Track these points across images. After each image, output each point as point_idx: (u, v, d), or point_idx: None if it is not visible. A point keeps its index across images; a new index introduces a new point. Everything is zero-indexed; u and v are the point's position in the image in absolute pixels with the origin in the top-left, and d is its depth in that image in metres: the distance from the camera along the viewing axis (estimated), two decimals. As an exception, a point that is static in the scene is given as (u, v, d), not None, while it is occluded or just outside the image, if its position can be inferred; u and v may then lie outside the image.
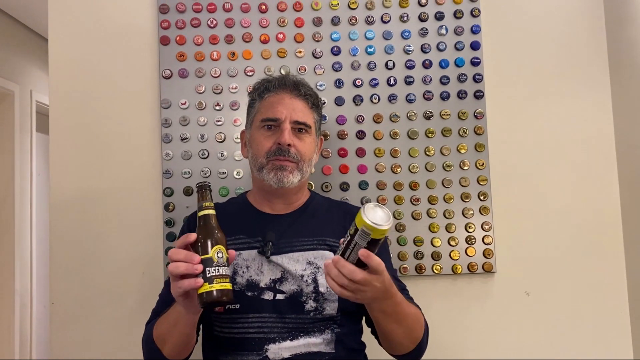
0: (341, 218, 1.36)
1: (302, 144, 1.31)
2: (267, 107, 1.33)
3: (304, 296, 1.24)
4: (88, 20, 1.77)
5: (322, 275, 1.25)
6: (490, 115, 1.77)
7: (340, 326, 1.26)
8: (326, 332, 1.25)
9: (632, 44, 1.70)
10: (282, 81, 1.35)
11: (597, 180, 1.80)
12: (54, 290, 1.71)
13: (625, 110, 1.75)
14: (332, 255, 1.26)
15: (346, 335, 1.28)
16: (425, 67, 1.76)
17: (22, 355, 3.44)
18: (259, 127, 1.32)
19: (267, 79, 1.38)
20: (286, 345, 1.22)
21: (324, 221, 1.36)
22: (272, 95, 1.34)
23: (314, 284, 1.24)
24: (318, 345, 1.23)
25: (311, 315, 1.23)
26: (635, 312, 1.74)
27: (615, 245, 1.79)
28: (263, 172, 1.29)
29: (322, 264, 1.26)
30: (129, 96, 1.75)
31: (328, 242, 1.30)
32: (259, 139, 1.32)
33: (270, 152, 1.29)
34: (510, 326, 1.76)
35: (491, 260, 1.73)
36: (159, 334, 1.20)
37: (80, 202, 1.73)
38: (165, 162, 1.72)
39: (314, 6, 1.76)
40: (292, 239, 1.30)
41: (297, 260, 1.26)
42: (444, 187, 1.74)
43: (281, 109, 1.30)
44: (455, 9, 1.78)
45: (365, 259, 0.99)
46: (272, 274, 1.26)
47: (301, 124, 1.31)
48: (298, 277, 1.24)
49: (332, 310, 1.24)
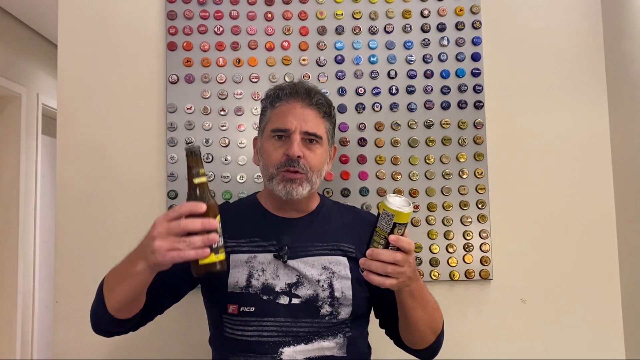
0: (354, 224, 1.38)
1: (313, 155, 1.29)
2: (277, 117, 1.31)
3: (319, 301, 1.25)
4: (97, 25, 1.80)
5: (337, 280, 1.26)
6: (489, 125, 1.80)
7: (352, 329, 1.28)
8: (339, 336, 1.26)
9: (628, 58, 1.74)
10: (294, 89, 1.32)
11: (593, 192, 1.83)
12: (58, 289, 1.74)
13: (621, 123, 1.78)
14: (346, 261, 1.29)
15: (356, 338, 1.29)
16: (426, 77, 1.80)
17: (24, 354, 3.46)
18: (270, 137, 1.31)
19: (280, 87, 1.35)
20: (300, 348, 1.22)
21: (337, 226, 1.36)
22: (283, 104, 1.32)
23: (330, 289, 1.25)
24: (331, 349, 1.25)
25: (326, 319, 1.25)
26: (628, 322, 1.76)
27: (609, 255, 1.81)
28: (273, 183, 1.28)
29: (337, 269, 1.27)
30: (136, 100, 1.79)
31: (342, 247, 1.31)
32: (269, 149, 1.30)
33: (281, 164, 1.27)
34: (506, 332, 1.78)
35: (488, 267, 1.75)
36: (109, 284, 1.15)
37: (85, 203, 1.76)
38: (170, 165, 1.75)
39: (318, 15, 1.80)
40: (307, 244, 1.30)
41: (312, 265, 1.27)
42: (443, 195, 1.77)
43: (291, 119, 1.28)
44: (457, 20, 1.81)
45: (395, 242, 1.03)
46: (287, 278, 1.26)
47: (311, 135, 1.29)
48: (314, 282, 1.25)
49: (347, 314, 1.26)
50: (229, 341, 1.27)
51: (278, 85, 1.37)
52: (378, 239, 1.05)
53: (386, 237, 1.04)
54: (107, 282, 1.16)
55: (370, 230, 1.06)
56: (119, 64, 1.80)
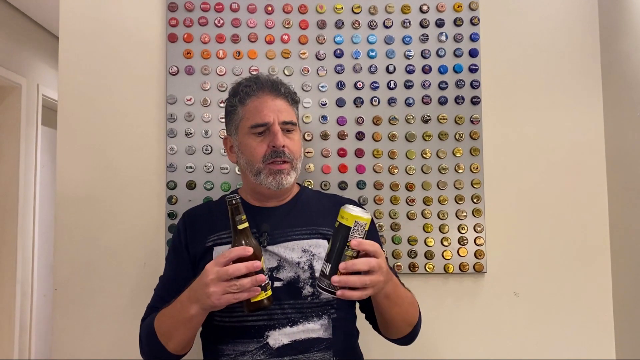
0: (333, 209, 1.38)
1: (293, 143, 1.33)
2: (252, 113, 1.32)
3: (301, 282, 1.28)
4: (98, 16, 1.81)
5: (317, 262, 1.30)
6: (485, 120, 1.82)
7: (337, 311, 1.31)
8: (323, 317, 1.29)
9: (624, 56, 1.75)
10: (261, 83, 1.35)
11: (586, 186, 1.85)
12: (57, 277, 1.76)
13: (616, 120, 1.80)
14: (326, 243, 1.31)
15: (342, 320, 1.32)
16: (424, 72, 1.81)
17: (22, 342, 3.49)
18: (249, 134, 1.33)
19: (244, 84, 1.37)
20: (286, 331, 1.25)
21: (316, 212, 1.40)
22: (253, 99, 1.33)
23: (310, 270, 1.29)
24: (317, 331, 1.28)
25: (309, 300, 1.28)
26: (619, 314, 1.79)
27: (601, 249, 1.84)
28: (261, 177, 1.31)
29: (317, 252, 1.31)
30: (136, 91, 1.80)
31: (321, 230, 1.35)
32: (251, 144, 1.32)
33: (266, 156, 1.30)
34: (498, 325, 1.81)
35: (482, 261, 1.78)
36: (164, 331, 1.22)
37: (85, 193, 1.77)
38: (170, 156, 1.77)
39: (318, 9, 1.81)
40: (286, 229, 1.34)
41: (292, 249, 1.31)
42: (439, 189, 1.79)
43: (267, 112, 1.31)
44: (455, 16, 1.83)
45: (358, 246, 1.05)
46: (269, 263, 1.30)
47: (288, 123, 1.33)
48: (295, 265, 1.29)
49: None
50: (217, 329, 1.31)
51: (241, 82, 1.38)
52: (345, 252, 1.06)
53: (349, 246, 1.05)
54: (161, 330, 1.23)
55: (329, 249, 1.08)
56: (120, 55, 1.81)
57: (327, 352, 1.28)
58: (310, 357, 1.26)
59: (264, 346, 1.26)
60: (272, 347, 1.25)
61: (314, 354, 1.27)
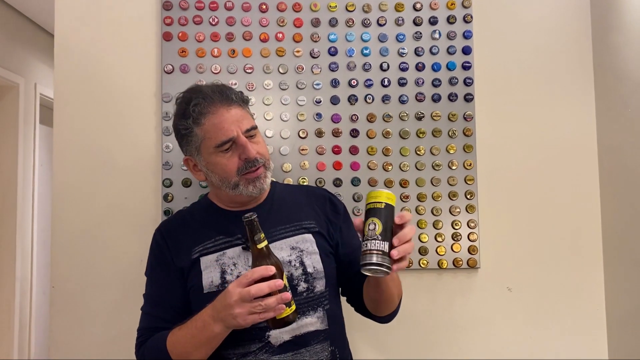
0: (309, 201, 1.43)
1: (260, 146, 1.31)
2: (213, 132, 1.26)
3: (295, 280, 1.29)
4: (93, 15, 1.82)
5: (307, 257, 1.31)
6: (479, 117, 1.84)
7: (330, 302, 1.33)
8: (319, 310, 1.31)
9: (615, 52, 1.76)
10: (209, 97, 1.28)
11: (578, 182, 1.86)
12: (54, 274, 1.77)
13: (608, 115, 1.82)
14: (311, 237, 1.33)
15: (334, 310, 1.35)
16: (418, 69, 1.83)
17: (22, 340, 3.51)
18: (215, 153, 1.28)
19: (192, 102, 1.28)
20: (286, 328, 1.25)
21: (294, 206, 1.40)
22: (208, 117, 1.27)
23: (302, 266, 1.30)
24: (314, 324, 1.29)
25: (304, 295, 1.29)
26: (611, 307, 1.80)
27: (593, 244, 1.85)
28: (240, 188, 1.29)
29: (304, 247, 1.32)
30: (132, 89, 1.81)
31: (304, 225, 1.36)
32: (221, 162, 1.28)
33: (240, 169, 1.28)
34: (492, 319, 1.83)
35: (475, 256, 1.79)
36: (181, 352, 1.21)
37: (82, 191, 1.78)
38: (165, 154, 1.78)
39: (312, 7, 1.83)
40: (270, 230, 1.31)
41: (281, 248, 1.31)
42: (432, 186, 1.81)
43: (228, 126, 1.26)
44: (448, 14, 1.84)
45: (401, 219, 1.09)
46: None
47: (251, 129, 1.29)
48: (286, 264, 1.29)
49: (322, 287, 1.31)
50: None
51: (187, 100, 1.30)
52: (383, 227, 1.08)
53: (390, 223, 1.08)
54: (177, 351, 1.21)
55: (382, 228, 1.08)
56: (115, 53, 1.82)
57: (325, 342, 1.31)
58: (310, 350, 1.28)
59: (266, 345, 1.26)
60: (274, 345, 1.26)
61: (314, 346, 1.29)
